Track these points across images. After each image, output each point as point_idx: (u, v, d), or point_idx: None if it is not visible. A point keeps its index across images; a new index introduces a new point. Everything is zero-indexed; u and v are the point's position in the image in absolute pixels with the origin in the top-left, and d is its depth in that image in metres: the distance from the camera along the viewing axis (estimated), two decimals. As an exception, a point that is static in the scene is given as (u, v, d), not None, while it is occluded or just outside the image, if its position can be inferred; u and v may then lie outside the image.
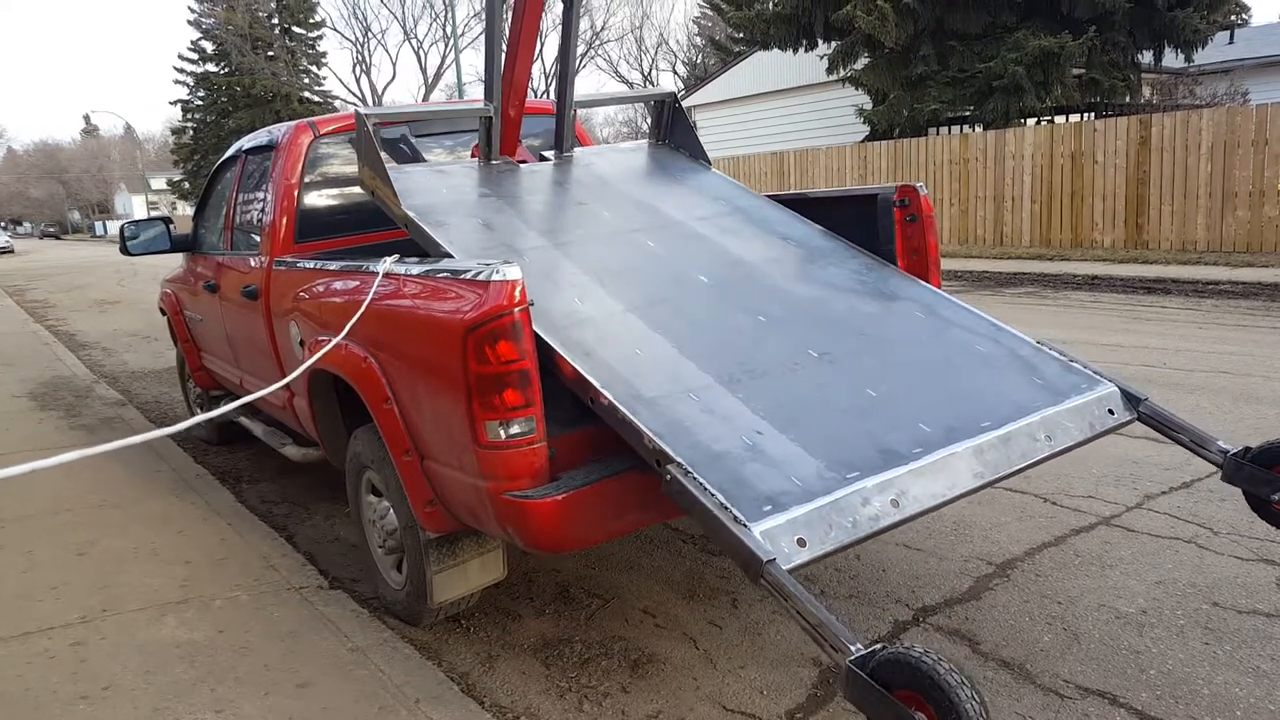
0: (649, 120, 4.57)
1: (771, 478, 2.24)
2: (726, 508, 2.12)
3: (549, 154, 4.06)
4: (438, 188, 3.59)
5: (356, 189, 4.14)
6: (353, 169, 4.01)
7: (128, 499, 4.73)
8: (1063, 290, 11.32)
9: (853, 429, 2.45)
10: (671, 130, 4.29)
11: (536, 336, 2.53)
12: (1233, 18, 21.19)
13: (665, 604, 3.42)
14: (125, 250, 5.56)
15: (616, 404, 2.41)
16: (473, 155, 4.08)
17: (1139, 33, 16.74)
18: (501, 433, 2.45)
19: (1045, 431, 2.55)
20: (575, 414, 2.61)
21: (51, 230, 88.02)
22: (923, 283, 3.29)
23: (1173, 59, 18.29)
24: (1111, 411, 2.73)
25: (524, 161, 3.98)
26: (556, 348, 2.59)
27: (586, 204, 3.58)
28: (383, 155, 3.47)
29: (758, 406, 2.49)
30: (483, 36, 3.71)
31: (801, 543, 2.11)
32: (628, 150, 4.23)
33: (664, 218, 3.53)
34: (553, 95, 4.13)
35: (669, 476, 2.23)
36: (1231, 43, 23.29)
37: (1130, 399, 2.77)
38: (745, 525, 2.08)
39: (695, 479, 2.19)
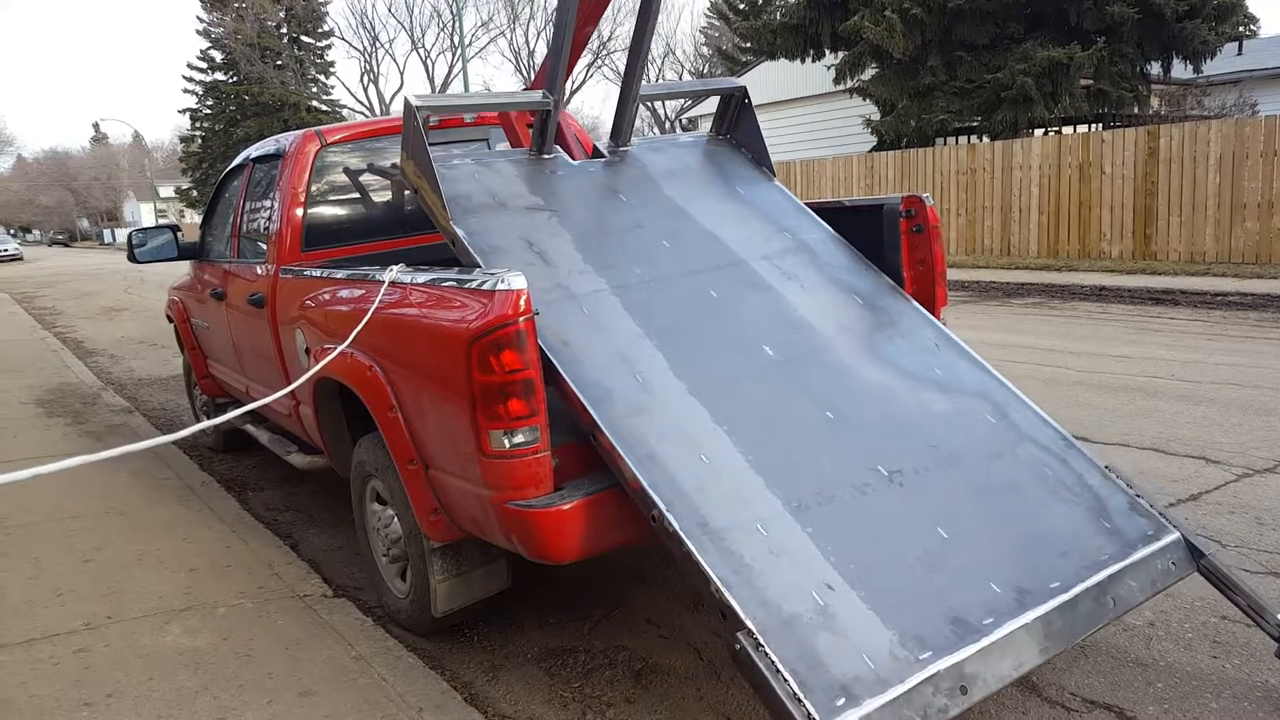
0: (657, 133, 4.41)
1: (845, 656, 2.12)
2: (800, 700, 1.99)
3: (602, 145, 3.78)
4: (483, 193, 3.34)
5: (363, 198, 4.15)
6: (360, 178, 4.02)
7: (133, 506, 4.74)
8: (1070, 301, 11.29)
9: (924, 586, 2.35)
10: (736, 126, 3.97)
11: (540, 350, 2.52)
12: (1241, 29, 21.24)
13: (669, 614, 3.41)
14: (133, 258, 5.57)
15: (681, 534, 2.30)
16: (506, 132, 3.80)
17: (1147, 44, 16.74)
18: (505, 442, 2.45)
19: (1111, 595, 2.48)
20: (579, 424, 2.60)
21: (60, 238, 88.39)
22: (993, 371, 3.13)
23: (1181, 70, 18.29)
24: (1174, 565, 2.65)
25: (562, 137, 3.68)
26: (618, 448, 2.46)
27: (645, 227, 3.36)
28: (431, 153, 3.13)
29: (828, 546, 2.37)
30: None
31: None
32: (687, 146, 3.92)
33: (726, 254, 3.32)
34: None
35: (738, 646, 2.09)
36: (1240, 54, 23.28)
37: (1193, 551, 2.69)
38: None
39: (766, 655, 2.06)
